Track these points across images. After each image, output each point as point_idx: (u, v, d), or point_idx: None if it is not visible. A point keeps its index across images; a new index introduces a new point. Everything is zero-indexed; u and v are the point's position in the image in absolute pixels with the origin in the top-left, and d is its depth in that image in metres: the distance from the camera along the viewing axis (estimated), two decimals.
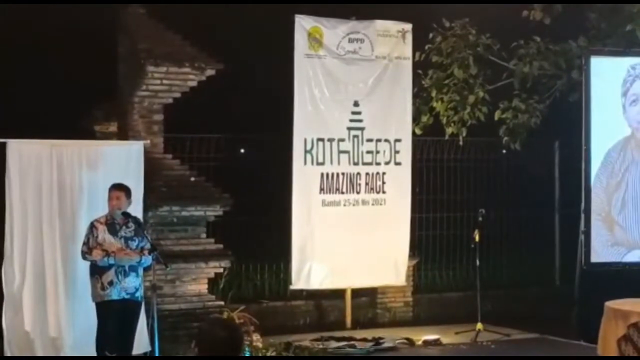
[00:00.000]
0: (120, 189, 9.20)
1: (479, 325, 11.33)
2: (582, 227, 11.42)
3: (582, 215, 11.37)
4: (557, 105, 12.47)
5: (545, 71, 12.15)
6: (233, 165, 12.72)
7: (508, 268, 13.81)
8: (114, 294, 8.98)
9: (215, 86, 11.41)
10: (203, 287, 10.94)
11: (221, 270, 11.18)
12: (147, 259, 9.10)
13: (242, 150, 14.11)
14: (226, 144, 12.72)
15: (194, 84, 11.03)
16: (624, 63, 11.29)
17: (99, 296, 9.04)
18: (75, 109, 11.54)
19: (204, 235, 11.08)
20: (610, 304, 8.91)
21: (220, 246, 11.10)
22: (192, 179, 11.11)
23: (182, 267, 10.74)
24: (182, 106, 11.23)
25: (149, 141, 10.60)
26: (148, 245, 9.10)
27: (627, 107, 11.27)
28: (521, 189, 13.97)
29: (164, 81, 10.92)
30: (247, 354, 9.52)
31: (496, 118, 12.47)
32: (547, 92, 12.46)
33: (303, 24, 11.63)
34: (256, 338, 10.27)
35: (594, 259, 11.24)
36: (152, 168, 10.50)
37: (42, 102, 12.45)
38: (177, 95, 11.04)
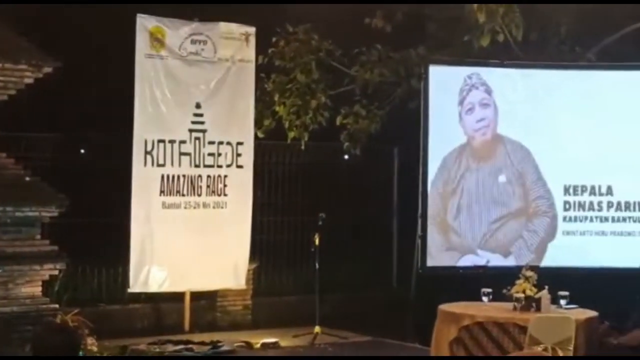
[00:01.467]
0: None
1: (317, 329, 11.43)
2: (418, 231, 11.66)
3: (419, 220, 11.61)
4: (397, 112, 12.68)
5: (385, 78, 12.34)
6: (71, 166, 12.46)
7: (347, 272, 13.95)
8: None
9: (54, 84, 11.17)
10: (37, 290, 10.66)
11: (56, 272, 10.93)
12: None
13: (82, 151, 13.85)
14: (65, 144, 12.46)
15: (30, 81, 10.75)
16: (461, 72, 11.58)
17: None
18: None
19: (38, 237, 10.81)
20: (443, 307, 9.13)
21: (56, 248, 10.85)
22: (27, 178, 10.84)
23: (16, 269, 10.44)
24: (19, 104, 10.94)
25: None
26: None
27: (463, 116, 11.56)
28: (361, 193, 14.14)
29: None
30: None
31: (337, 123, 12.61)
32: (387, 98, 12.66)
33: (145, 23, 11.50)
34: (91, 342, 10.04)
35: (430, 263, 11.48)
36: None
37: None
38: (13, 92, 10.74)
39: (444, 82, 11.56)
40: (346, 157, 13.71)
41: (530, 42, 11.93)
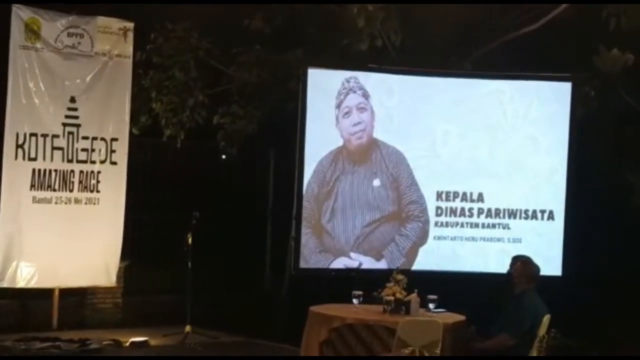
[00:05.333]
0: None
1: (188, 328, 11.36)
2: (292, 233, 11.70)
3: (293, 222, 11.65)
4: (275, 113, 12.71)
5: (263, 79, 12.35)
6: None
7: (220, 271, 13.89)
8: None
9: None
10: None
11: None
12: None
13: None
14: None
15: None
16: (339, 76, 11.64)
17: None
18: None
19: None
20: (314, 308, 9.16)
21: None
22: None
23: None
24: None
25: None
26: None
27: (340, 119, 11.64)
28: (237, 193, 14.11)
29: None
30: None
31: (214, 122, 12.58)
32: (265, 100, 12.67)
33: (20, 14, 11.30)
34: None
35: (303, 264, 11.52)
36: None
37: None
38: None
39: (322, 85, 11.62)
40: (223, 156, 13.66)
41: (408, 49, 12.10)
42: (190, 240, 11.52)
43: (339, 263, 11.60)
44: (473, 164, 11.81)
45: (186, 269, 11.62)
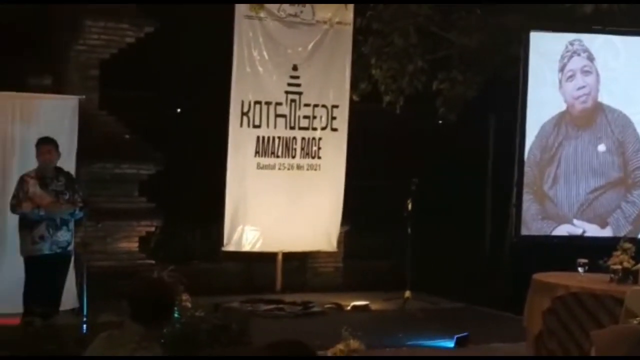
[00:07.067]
0: (49, 143, 8.99)
1: (407, 293, 11.41)
2: (513, 200, 11.53)
3: (514, 189, 11.48)
4: (495, 78, 12.52)
5: (484, 44, 12.17)
6: (168, 125, 12.60)
7: (439, 238, 13.85)
8: (45, 248, 8.84)
9: (154, 44, 11.28)
10: (134, 245, 10.89)
11: (152, 229, 11.11)
12: (79, 213, 8.98)
13: (179, 110, 13.99)
14: (163, 103, 12.57)
15: (131, 40, 10.90)
16: (562, 39, 11.35)
17: (29, 250, 8.89)
18: (5, 60, 11.29)
19: (136, 194, 10.99)
20: (537, 276, 9.01)
21: (152, 205, 11.03)
22: (127, 136, 11.00)
23: (114, 225, 10.65)
24: (120, 62, 11.08)
25: (84, 96, 10.44)
26: (79, 200, 8.98)
27: (564, 83, 11.36)
28: (455, 159, 14.01)
29: (102, 36, 10.78)
30: (176, 314, 9.48)
31: (434, 88, 12.50)
32: (485, 64, 12.50)
33: None
34: (185, 298, 10.18)
35: (524, 232, 11.35)
36: (86, 124, 10.36)
37: None
38: (115, 51, 10.90)
39: (544, 48, 11.35)
40: (441, 122, 13.58)
41: (635, 9, 11.65)
42: (410, 206, 11.53)
43: (562, 230, 11.35)
44: None
45: (406, 235, 11.67)
